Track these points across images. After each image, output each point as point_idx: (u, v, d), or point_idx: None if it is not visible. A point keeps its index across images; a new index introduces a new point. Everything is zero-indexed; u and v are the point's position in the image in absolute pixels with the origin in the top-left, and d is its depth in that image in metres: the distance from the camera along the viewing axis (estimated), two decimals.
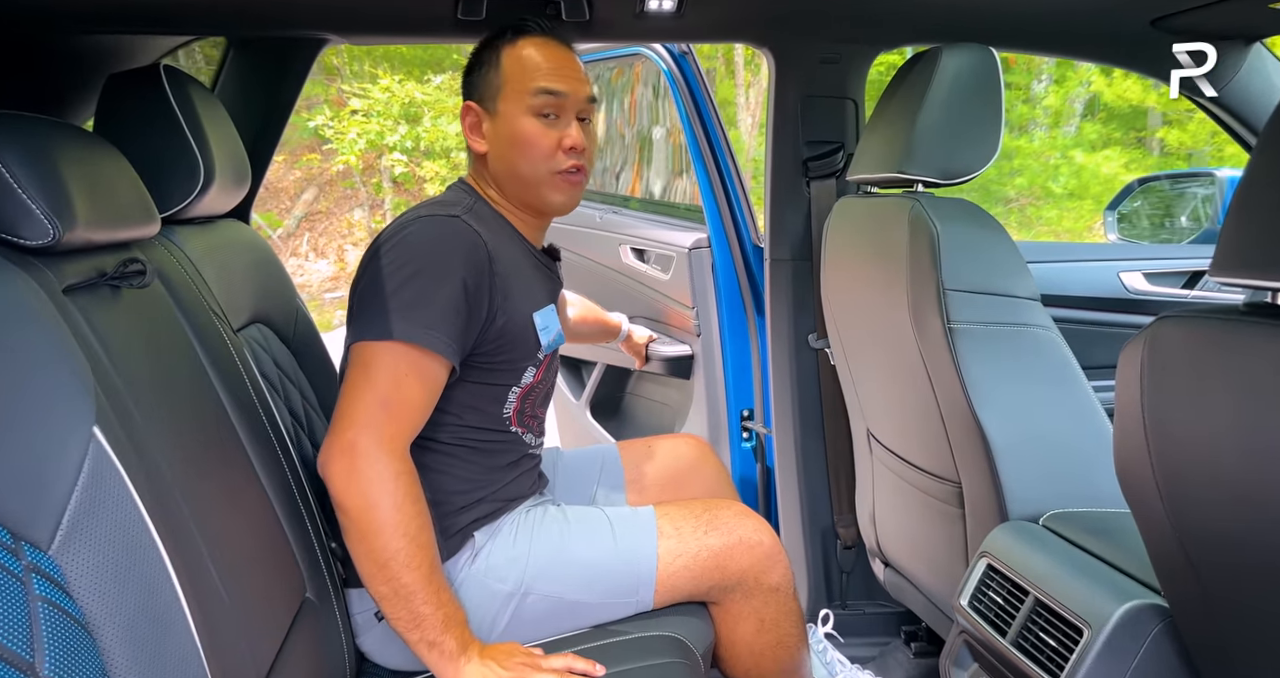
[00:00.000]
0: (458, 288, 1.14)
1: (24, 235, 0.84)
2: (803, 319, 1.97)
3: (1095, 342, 1.99)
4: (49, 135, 0.90)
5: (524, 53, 1.27)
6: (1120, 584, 1.04)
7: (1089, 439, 1.29)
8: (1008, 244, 1.35)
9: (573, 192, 1.31)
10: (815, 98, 1.89)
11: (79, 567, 0.68)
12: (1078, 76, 9.46)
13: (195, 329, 1.12)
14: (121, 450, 0.74)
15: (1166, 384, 0.78)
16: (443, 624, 1.10)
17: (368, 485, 1.07)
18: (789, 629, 1.39)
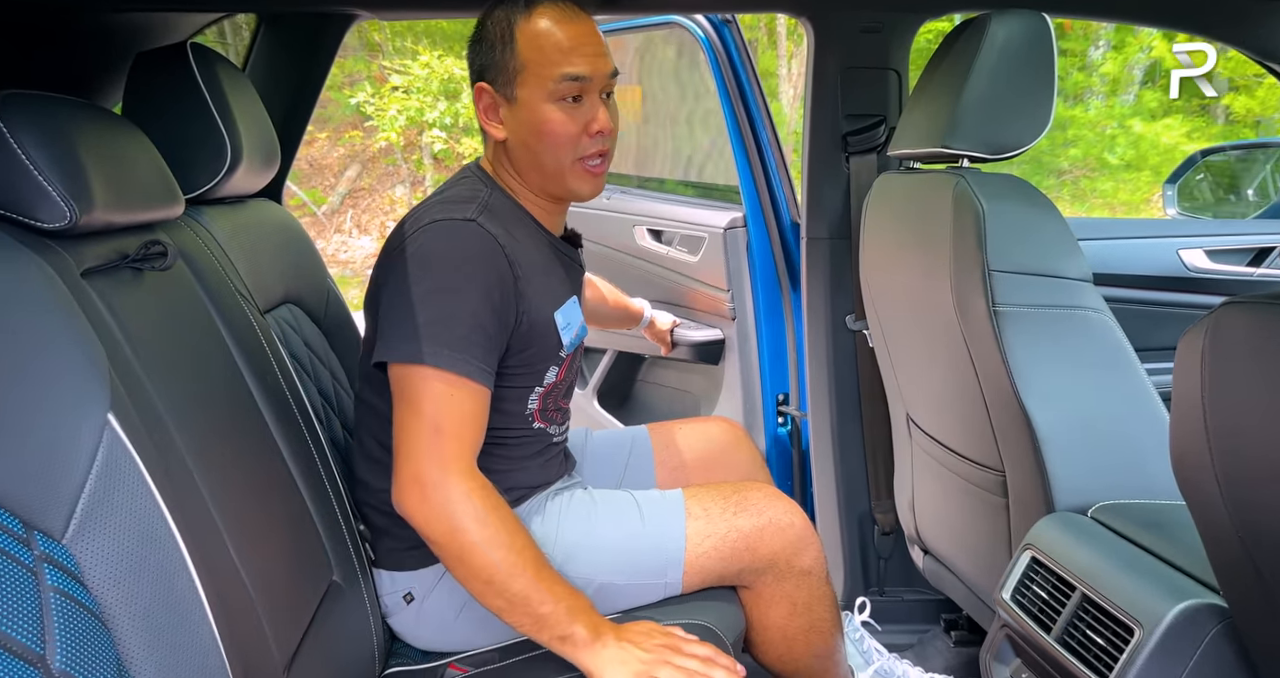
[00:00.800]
0: (482, 304, 1.11)
1: (40, 218, 0.83)
2: (840, 300, 1.93)
3: (1152, 323, 1.92)
4: (68, 115, 0.90)
5: (541, 29, 1.16)
6: (1175, 582, 1.00)
7: (1142, 427, 1.24)
8: (1058, 223, 1.29)
9: (598, 179, 1.26)
10: (856, 69, 1.83)
11: (93, 556, 0.68)
12: (1138, 42, 9.18)
13: (220, 311, 1.12)
14: (137, 438, 0.73)
15: (1231, 375, 0.74)
16: (567, 617, 1.07)
17: (445, 512, 1.06)
18: (822, 614, 1.36)
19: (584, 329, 1.33)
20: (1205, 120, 9.28)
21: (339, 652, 1.10)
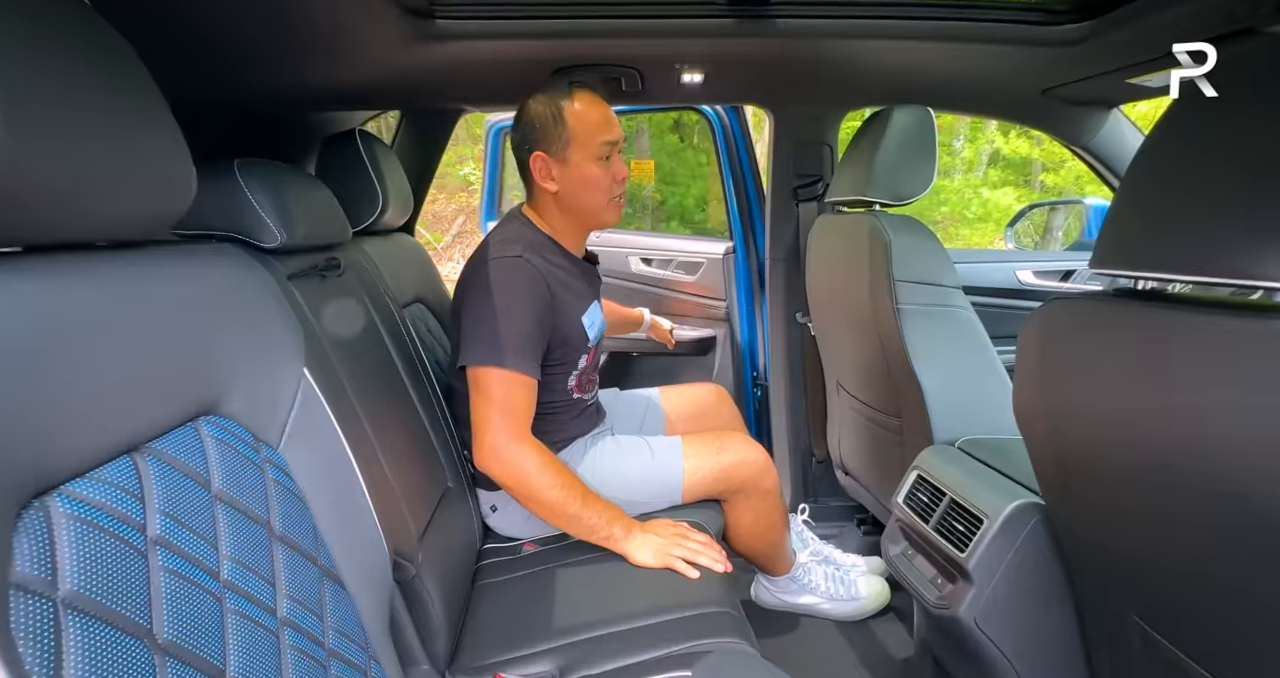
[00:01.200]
0: (531, 320, 1.10)
1: (262, 240, 0.84)
2: (792, 302, 1.92)
3: (998, 319, 1.92)
4: (281, 174, 0.91)
5: (581, 110, 1.15)
6: (1011, 489, 1.01)
7: (993, 388, 1.24)
8: (939, 248, 1.29)
9: (619, 212, 1.25)
10: (803, 143, 1.82)
11: (296, 460, 0.68)
12: (984, 137, 9.25)
13: (374, 305, 1.12)
14: (321, 385, 0.73)
15: (1056, 347, 0.74)
16: (607, 524, 1.10)
17: (516, 469, 1.07)
18: (775, 519, 1.38)
19: (604, 324, 1.31)
20: (1027, 190, 9.41)
21: (453, 532, 1.10)
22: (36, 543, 0.38)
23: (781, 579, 1.53)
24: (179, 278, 0.60)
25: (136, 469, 0.48)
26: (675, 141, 9.32)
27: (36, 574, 0.38)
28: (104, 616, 0.40)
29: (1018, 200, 8.92)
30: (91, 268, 0.51)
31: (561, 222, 1.24)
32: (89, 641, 0.39)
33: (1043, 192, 9.29)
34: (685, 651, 0.90)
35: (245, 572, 0.55)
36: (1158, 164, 0.61)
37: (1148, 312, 0.62)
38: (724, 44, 1.33)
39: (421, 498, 1.00)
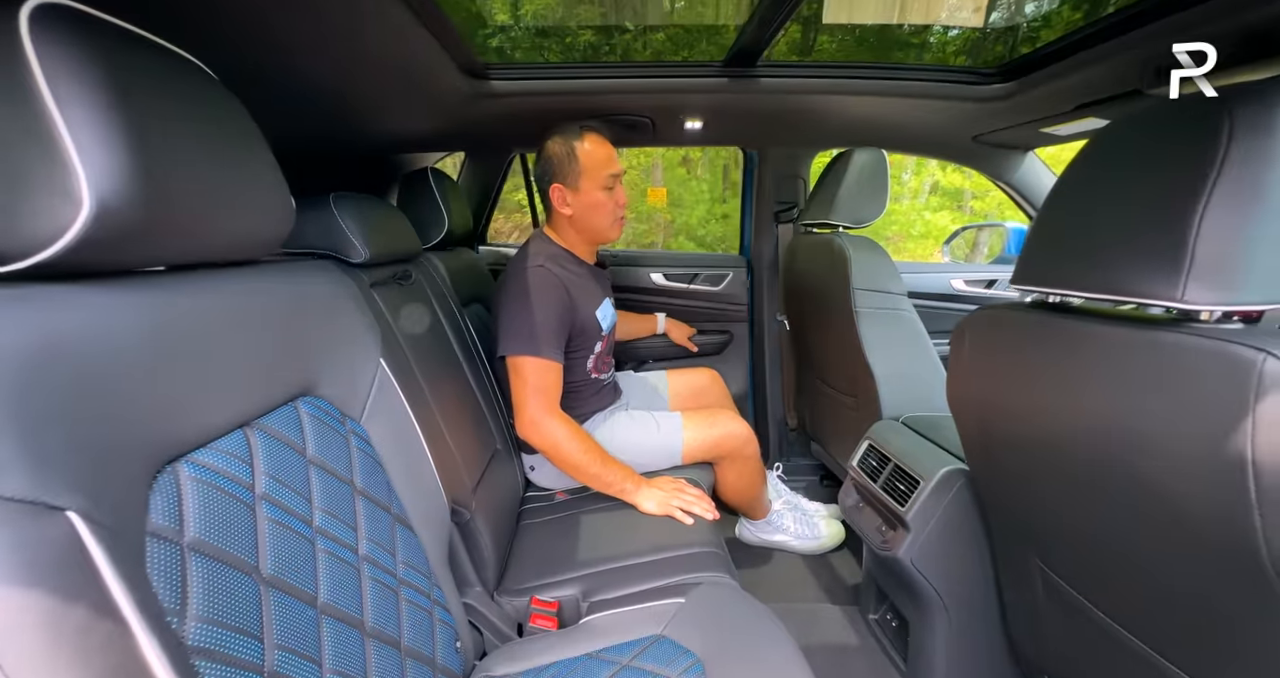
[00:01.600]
0: (553, 316, 1.09)
1: (350, 256, 0.83)
2: (773, 305, 1.89)
3: (935, 317, 1.88)
4: (366, 204, 0.90)
5: (589, 149, 1.14)
6: (942, 457, 0.98)
7: (929, 375, 1.21)
8: (889, 263, 1.25)
9: (621, 229, 1.24)
10: (782, 176, 1.78)
11: (375, 431, 0.68)
12: (927, 171, 9.06)
13: (440, 306, 1.12)
14: (394, 371, 0.73)
15: (980, 349, 0.71)
16: (621, 480, 1.10)
17: (550, 438, 1.07)
18: (754, 478, 1.37)
19: (614, 317, 1.30)
20: (960, 213, 9.24)
21: (501, 484, 1.10)
22: (168, 500, 0.38)
23: (760, 522, 1.53)
24: (284, 288, 0.60)
25: (247, 440, 0.48)
26: (683, 173, 9.24)
27: (168, 525, 0.38)
28: (220, 556, 0.40)
29: (953, 221, 8.75)
30: (216, 282, 0.51)
31: (574, 238, 1.23)
32: (208, 576, 0.39)
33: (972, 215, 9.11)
34: (680, 582, 0.90)
35: (333, 520, 0.55)
36: (1063, 203, 0.59)
37: (1055, 321, 0.59)
38: (719, 98, 1.30)
39: (475, 458, 1.00)
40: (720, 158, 9.71)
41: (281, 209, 0.56)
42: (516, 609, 0.93)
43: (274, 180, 0.55)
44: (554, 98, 1.28)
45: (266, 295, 0.56)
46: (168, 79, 0.44)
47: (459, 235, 1.39)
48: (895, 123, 1.42)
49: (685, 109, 1.37)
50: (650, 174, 9.02)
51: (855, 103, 1.29)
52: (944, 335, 1.90)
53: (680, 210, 8.74)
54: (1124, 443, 0.52)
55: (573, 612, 0.92)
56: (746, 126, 1.51)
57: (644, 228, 8.89)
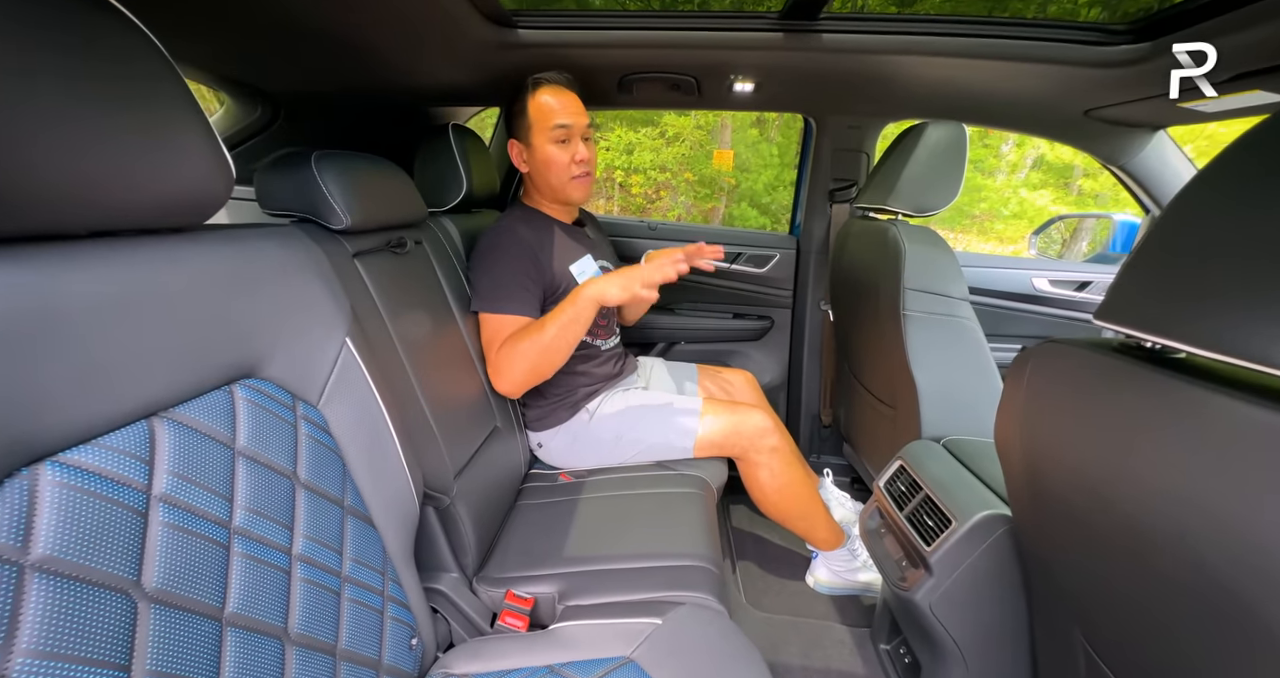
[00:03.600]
0: (519, 269, 1.05)
1: (330, 221, 0.78)
2: (818, 291, 1.72)
3: (1006, 320, 1.66)
4: (355, 164, 0.83)
5: (542, 100, 1.08)
6: (983, 496, 0.84)
7: (984, 394, 1.05)
8: (952, 260, 1.07)
9: (584, 189, 1.14)
10: (840, 150, 1.58)
11: (335, 416, 0.64)
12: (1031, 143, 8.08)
13: (444, 273, 1.06)
14: (363, 349, 0.68)
15: (1044, 385, 0.57)
16: (579, 306, 0.99)
17: (516, 373, 1.03)
18: (792, 476, 1.17)
19: (597, 272, 1.18)
20: (1065, 192, 8.22)
21: (496, 465, 1.06)
22: (12, 511, 0.34)
23: (834, 554, 1.29)
24: (223, 259, 0.54)
25: (151, 434, 0.44)
26: (755, 135, 8.74)
27: (6, 542, 0.33)
28: (80, 574, 0.36)
29: (1053, 202, 7.86)
30: (127, 253, 0.45)
31: (543, 198, 1.18)
32: (54, 600, 0.34)
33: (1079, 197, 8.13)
34: (661, 599, 0.83)
35: (259, 518, 0.51)
36: (1198, 216, 0.42)
37: (1149, 373, 0.45)
38: (773, 56, 1.14)
39: (464, 439, 0.96)
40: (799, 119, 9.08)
41: (213, 170, 0.49)
42: (493, 600, 0.90)
43: (201, 137, 0.48)
44: (586, 51, 1.16)
45: (197, 267, 0.51)
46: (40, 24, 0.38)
47: (482, 196, 1.32)
48: (984, 91, 1.20)
49: (734, 67, 1.21)
50: (719, 135, 8.61)
51: (935, 66, 1.09)
52: (1013, 340, 1.71)
53: (746, 175, 8.34)
54: (1219, 544, 0.39)
55: (548, 611, 0.88)
56: (805, 90, 1.33)
57: (706, 192, 8.57)
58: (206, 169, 0.49)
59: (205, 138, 0.48)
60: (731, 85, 1.28)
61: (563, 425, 1.18)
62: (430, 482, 0.82)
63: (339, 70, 1.16)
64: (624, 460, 1.21)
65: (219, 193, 0.51)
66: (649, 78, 1.27)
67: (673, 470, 1.18)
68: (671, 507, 1.06)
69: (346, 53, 1.06)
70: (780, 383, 1.85)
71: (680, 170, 8.31)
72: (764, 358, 1.84)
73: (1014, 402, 0.61)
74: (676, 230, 1.81)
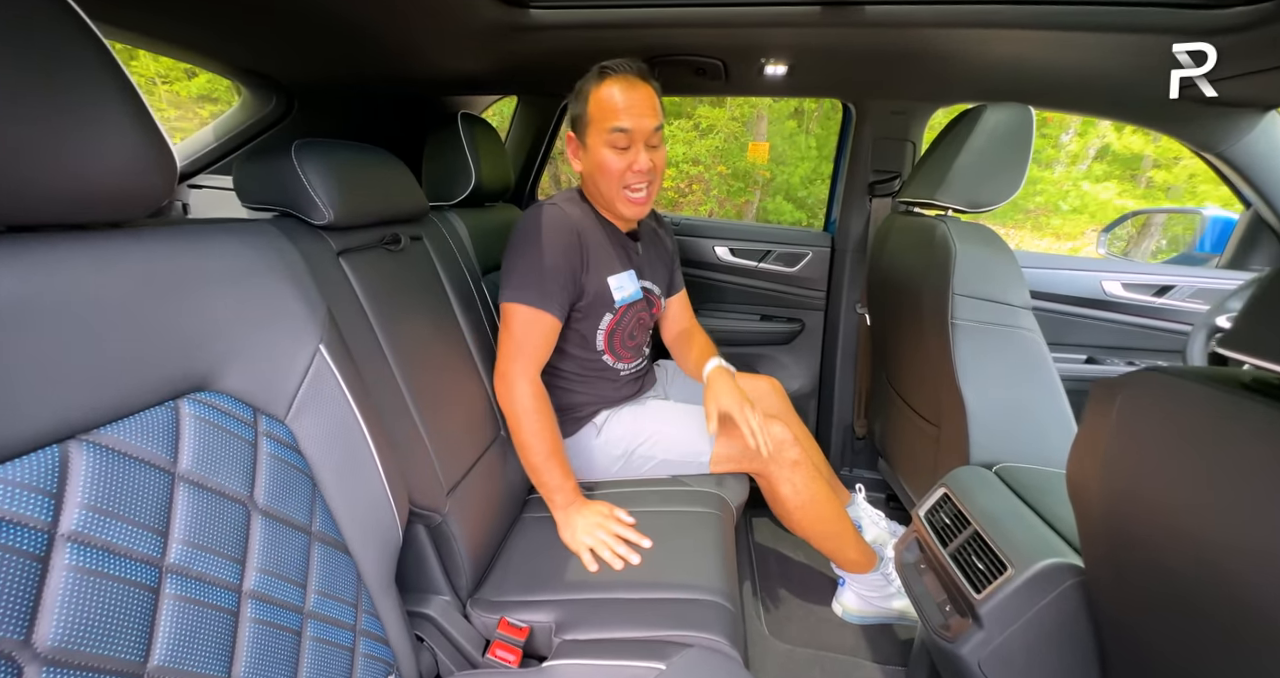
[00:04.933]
0: (554, 261, 0.94)
1: (312, 216, 0.72)
2: (853, 293, 1.60)
3: (1070, 327, 1.50)
4: (342, 154, 0.77)
5: (604, 94, 0.93)
6: (1045, 538, 0.72)
7: (1049, 416, 0.92)
8: (1011, 263, 0.95)
9: (638, 206, 1.00)
10: (882, 139, 1.45)
11: (305, 431, 0.58)
12: (1096, 131, 7.56)
13: (446, 272, 1.00)
14: (338, 359, 0.62)
15: (1136, 427, 0.46)
16: (554, 489, 0.96)
17: (510, 397, 0.94)
18: (819, 492, 1.07)
19: (637, 294, 1.08)
20: (1132, 185, 7.66)
21: (497, 476, 1.00)
22: None
23: (865, 578, 1.18)
24: (179, 258, 0.49)
25: (62, 462, 0.38)
26: (792, 126, 8.48)
27: None
28: None
29: (1118, 195, 7.33)
30: (45, 253, 0.40)
31: (597, 199, 1.05)
32: None
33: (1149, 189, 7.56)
34: (667, 639, 0.75)
35: (200, 554, 0.46)
36: None
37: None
38: (809, 34, 1.03)
39: (460, 450, 0.90)
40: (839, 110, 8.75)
41: (150, 158, 0.44)
42: (486, 626, 0.83)
43: (134, 121, 0.42)
44: (604, 31, 1.08)
45: (134, 267, 0.45)
46: None
47: (492, 190, 1.26)
48: (1055, 68, 1.05)
49: (765, 48, 1.11)
50: (754, 127, 8.39)
51: (998, 40, 0.96)
52: (1076, 350, 1.55)
53: (782, 168, 8.12)
54: None
55: (543, 642, 0.81)
56: (844, 72, 1.21)
57: (739, 185, 8.37)
58: (142, 157, 0.43)
59: (139, 121, 0.43)
60: (762, 69, 1.18)
61: (568, 439, 1.11)
62: (418, 499, 0.76)
63: (350, 59, 1.13)
64: (635, 476, 1.13)
65: (158, 184, 0.45)
66: (671, 60, 1.18)
67: (688, 486, 1.10)
68: (685, 528, 0.98)
69: (357, 40, 1.02)
70: (810, 391, 1.74)
71: (713, 163, 8.13)
72: (793, 363, 1.73)
73: (1097, 436, 0.50)
74: (697, 227, 1.71)
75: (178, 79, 6.86)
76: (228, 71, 1.24)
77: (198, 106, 6.80)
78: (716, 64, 1.17)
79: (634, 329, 1.14)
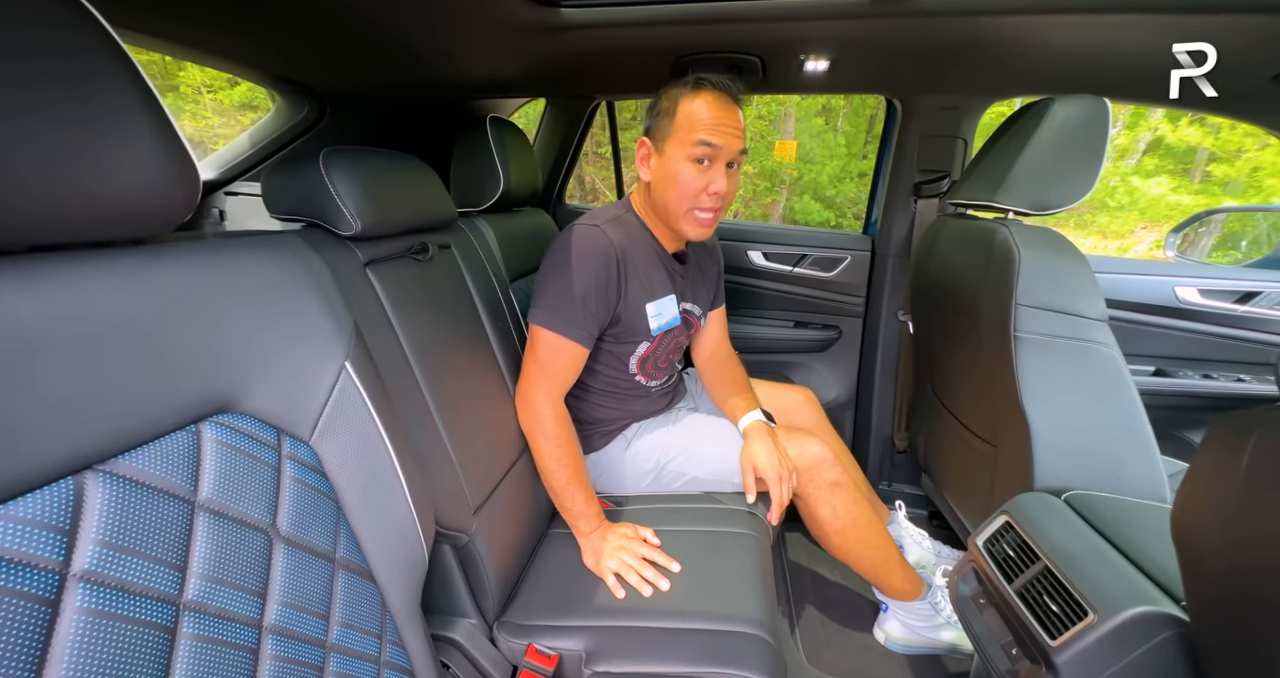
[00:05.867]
0: (589, 288, 0.90)
1: (339, 227, 0.70)
2: (895, 299, 1.53)
3: (1134, 336, 1.40)
4: (370, 161, 0.75)
5: (694, 106, 0.88)
6: (1134, 582, 0.65)
7: (1127, 438, 0.84)
8: (1083, 271, 0.87)
9: (705, 229, 0.95)
10: (931, 136, 1.38)
11: (330, 452, 0.56)
12: (1146, 124, 7.19)
13: (475, 281, 0.98)
14: (363, 377, 0.59)
15: (1275, 472, 0.40)
16: (578, 515, 0.93)
17: (532, 422, 0.92)
18: (862, 515, 1.02)
19: (675, 320, 1.04)
20: (1185, 179, 7.26)
21: (525, 493, 0.97)
22: None
23: (911, 606, 1.11)
24: (202, 274, 0.47)
25: (76, 494, 0.36)
26: (820, 124, 8.33)
27: None
28: None
29: (1171, 190, 6.95)
30: (67, 273, 0.38)
31: (652, 214, 1.00)
32: None
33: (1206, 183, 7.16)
34: (705, 676, 0.71)
35: (219, 588, 0.43)
36: None
37: None
38: (855, 26, 0.98)
39: (488, 466, 0.87)
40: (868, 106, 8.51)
41: (173, 171, 0.42)
42: (513, 652, 0.80)
43: (156, 133, 0.40)
44: (635, 29, 1.04)
45: (155, 285, 0.43)
46: None
47: (520, 194, 1.23)
48: (1134, 52, 0.96)
49: (806, 43, 1.06)
50: (780, 125, 8.26)
51: (1068, 26, 0.89)
52: (1145, 361, 1.44)
53: (810, 166, 7.98)
54: None
55: (573, 671, 0.78)
56: (891, 66, 1.15)
57: (766, 185, 8.25)
58: (165, 169, 0.41)
59: (160, 132, 0.40)
60: (802, 65, 1.12)
61: (596, 453, 1.08)
62: (445, 519, 0.74)
63: (381, 65, 1.12)
64: (666, 491, 1.09)
65: (181, 198, 0.43)
66: (707, 58, 1.14)
67: (721, 504, 1.05)
68: (720, 550, 0.94)
69: (388, 46, 1.01)
70: (846, 401, 1.67)
71: None
72: (828, 372, 1.67)
73: (1220, 479, 0.44)
74: (731, 230, 1.66)
75: (221, 88, 7.09)
76: (261, 79, 1.25)
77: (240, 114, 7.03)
78: (754, 61, 1.12)
79: (669, 353, 1.10)
